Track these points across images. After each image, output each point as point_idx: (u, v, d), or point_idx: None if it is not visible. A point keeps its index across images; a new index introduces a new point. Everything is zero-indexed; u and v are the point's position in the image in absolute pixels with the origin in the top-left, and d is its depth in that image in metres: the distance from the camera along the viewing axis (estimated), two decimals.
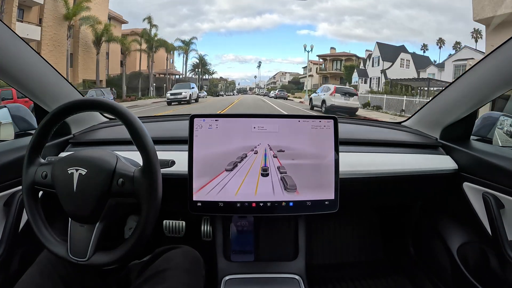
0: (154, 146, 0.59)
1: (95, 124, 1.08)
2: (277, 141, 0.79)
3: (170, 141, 0.92)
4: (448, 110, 0.96)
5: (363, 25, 23.70)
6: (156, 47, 18.14)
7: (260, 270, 0.91)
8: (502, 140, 1.00)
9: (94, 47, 15.05)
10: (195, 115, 0.78)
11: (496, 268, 0.82)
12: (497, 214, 0.79)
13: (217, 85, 26.80)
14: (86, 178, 0.58)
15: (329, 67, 21.97)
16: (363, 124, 1.23)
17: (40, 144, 0.64)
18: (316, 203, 0.79)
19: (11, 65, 0.72)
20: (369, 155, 0.94)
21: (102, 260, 0.58)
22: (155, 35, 17.91)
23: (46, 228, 0.61)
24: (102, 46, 15.37)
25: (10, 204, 0.73)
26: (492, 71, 0.78)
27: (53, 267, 0.64)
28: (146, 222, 0.57)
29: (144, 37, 17.53)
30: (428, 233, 1.07)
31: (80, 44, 14.70)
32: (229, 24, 30.71)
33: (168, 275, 0.64)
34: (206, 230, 0.98)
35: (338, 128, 0.80)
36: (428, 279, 1.05)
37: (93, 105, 0.63)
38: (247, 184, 0.78)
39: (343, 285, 1.13)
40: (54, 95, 0.86)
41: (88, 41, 14.97)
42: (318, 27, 28.99)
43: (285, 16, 27.94)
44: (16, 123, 0.97)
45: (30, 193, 0.62)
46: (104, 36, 15.06)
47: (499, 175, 0.79)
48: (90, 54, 15.16)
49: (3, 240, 0.71)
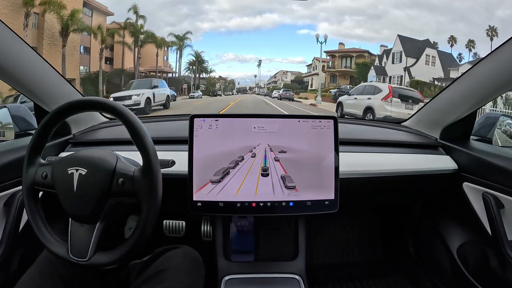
0: (154, 146, 0.59)
1: (95, 124, 1.08)
2: (277, 141, 0.79)
3: (170, 141, 0.92)
4: (448, 110, 0.96)
5: (363, 25, 23.58)
6: (143, 41, 15.81)
7: (260, 270, 0.91)
8: (502, 140, 1.00)
9: (61, 39, 12.14)
10: (195, 115, 0.78)
11: (496, 268, 0.82)
12: (497, 214, 0.79)
13: (215, 84, 25.35)
14: (86, 178, 0.58)
15: (338, 64, 19.23)
16: (363, 124, 1.23)
17: (40, 144, 0.63)
18: (316, 203, 0.79)
19: (11, 65, 0.72)
20: (369, 155, 0.94)
21: (102, 260, 0.58)
22: (141, 27, 15.24)
23: (46, 228, 0.61)
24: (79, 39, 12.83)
25: (10, 204, 0.73)
26: (492, 71, 0.78)
27: (53, 267, 0.64)
28: (146, 222, 0.57)
29: (129, 29, 15.03)
30: (428, 233, 1.07)
31: (45, 36, 11.88)
32: (229, 23, 30.65)
33: (168, 275, 0.64)
34: (206, 230, 0.98)
35: (338, 128, 0.80)
36: (428, 279, 1.05)
37: (93, 105, 0.63)
38: (247, 184, 0.78)
39: (343, 285, 1.13)
40: (54, 95, 0.86)
41: (56, 32, 12.18)
42: (318, 26, 28.88)
43: (285, 16, 27.87)
44: (16, 123, 0.97)
45: (30, 193, 0.62)
46: (74, 25, 12.29)
47: (499, 175, 0.79)
48: (60, 47, 12.44)
49: (3, 240, 0.71)
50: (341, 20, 25.00)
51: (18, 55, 0.73)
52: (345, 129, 1.01)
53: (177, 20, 27.67)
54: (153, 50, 17.53)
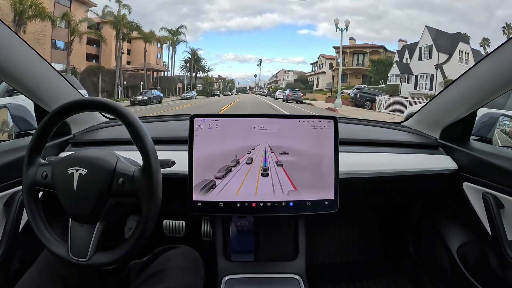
0: (154, 146, 0.59)
1: (95, 124, 1.08)
2: (277, 141, 0.79)
3: (170, 141, 0.92)
4: (448, 110, 0.96)
5: (364, 25, 23.50)
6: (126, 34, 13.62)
7: (260, 270, 0.91)
8: (502, 140, 1.01)
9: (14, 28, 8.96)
10: (195, 115, 0.78)
11: (496, 268, 0.82)
12: (497, 214, 0.79)
13: (212, 83, 23.77)
14: (86, 178, 0.58)
15: (349, 61, 17.18)
16: (363, 124, 1.23)
17: (40, 144, 0.63)
18: (316, 203, 0.79)
19: (11, 65, 0.72)
20: (369, 155, 0.94)
21: (102, 260, 0.58)
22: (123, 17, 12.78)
23: (46, 228, 0.61)
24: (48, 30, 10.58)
25: (10, 204, 0.73)
26: (492, 71, 0.78)
27: (53, 267, 0.64)
28: (146, 222, 0.57)
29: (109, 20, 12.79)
30: (428, 233, 1.07)
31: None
32: (230, 23, 30.66)
33: (167, 275, 0.64)
34: (206, 230, 0.98)
35: (338, 128, 0.80)
36: (428, 279, 1.05)
37: (93, 105, 0.63)
38: (247, 184, 0.78)
39: (343, 285, 1.13)
40: (54, 95, 0.86)
41: (9, 19, 9.79)
42: (319, 27, 28.88)
43: (286, 16, 27.88)
44: (16, 123, 0.97)
45: (30, 193, 0.62)
46: (30, 11, 9.79)
47: (499, 175, 0.79)
48: None
49: (3, 240, 0.71)
50: (341, 20, 24.97)
51: (18, 55, 0.73)
52: (345, 129, 1.01)
53: (177, 20, 27.69)
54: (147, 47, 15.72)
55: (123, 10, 13.21)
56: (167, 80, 18.61)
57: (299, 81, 23.27)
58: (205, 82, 22.60)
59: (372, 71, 15.55)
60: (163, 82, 17.96)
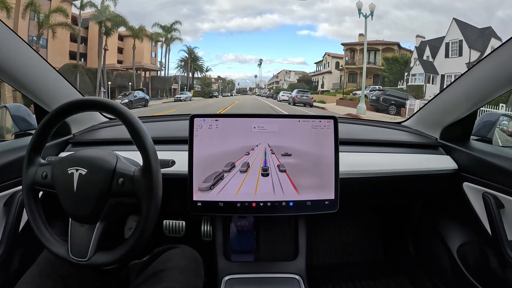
0: (154, 146, 0.59)
1: (95, 124, 1.08)
2: (277, 141, 0.79)
3: (170, 141, 0.92)
4: (448, 110, 0.96)
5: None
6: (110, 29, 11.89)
7: (260, 270, 0.91)
8: (502, 140, 1.00)
9: None
10: (195, 115, 0.78)
11: (496, 268, 0.82)
12: (497, 214, 0.79)
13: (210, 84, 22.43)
14: (86, 178, 0.58)
15: (359, 59, 15.33)
16: (363, 124, 1.23)
17: (40, 144, 0.63)
18: (316, 203, 0.79)
19: (11, 65, 0.72)
20: (369, 155, 0.94)
21: (102, 260, 0.58)
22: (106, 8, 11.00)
23: (46, 228, 0.61)
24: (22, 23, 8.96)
25: (10, 204, 0.73)
26: (492, 71, 0.78)
27: (53, 267, 0.64)
28: (146, 222, 0.57)
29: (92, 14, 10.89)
30: (428, 233, 1.07)
31: None
32: (230, 24, 30.62)
33: (167, 275, 0.64)
34: (206, 230, 0.99)
35: (338, 128, 0.80)
36: (428, 279, 1.05)
37: (93, 105, 0.63)
38: (247, 184, 0.78)
39: (343, 285, 1.13)
40: (54, 95, 0.86)
41: None
42: (319, 27, 28.78)
43: (286, 16, 27.84)
44: (16, 123, 0.97)
45: (30, 193, 0.62)
46: None
47: (499, 175, 0.79)
48: None
49: (3, 240, 0.71)
50: (341, 21, 25.03)
51: (18, 55, 0.73)
52: (345, 129, 1.01)
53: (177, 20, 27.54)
54: (139, 45, 14.46)
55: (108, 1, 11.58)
56: (160, 80, 17.20)
57: (302, 82, 21.78)
58: (202, 83, 21.55)
59: (387, 70, 13.80)
60: (155, 83, 16.53)
